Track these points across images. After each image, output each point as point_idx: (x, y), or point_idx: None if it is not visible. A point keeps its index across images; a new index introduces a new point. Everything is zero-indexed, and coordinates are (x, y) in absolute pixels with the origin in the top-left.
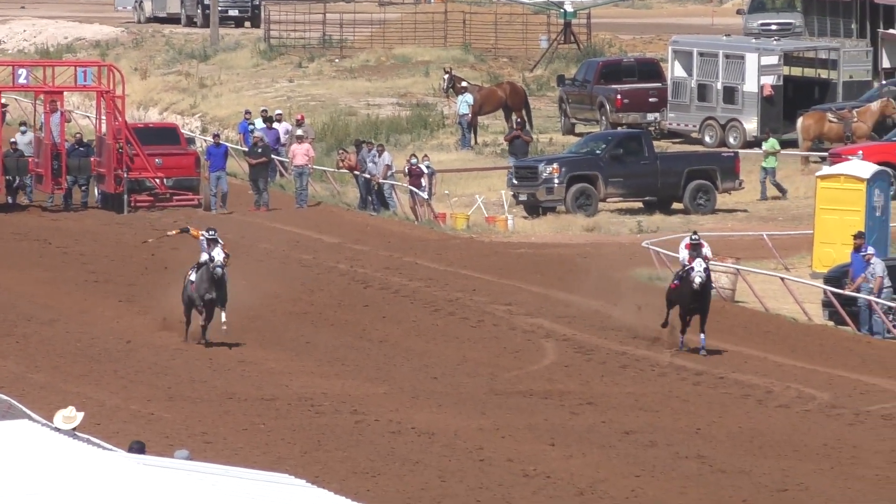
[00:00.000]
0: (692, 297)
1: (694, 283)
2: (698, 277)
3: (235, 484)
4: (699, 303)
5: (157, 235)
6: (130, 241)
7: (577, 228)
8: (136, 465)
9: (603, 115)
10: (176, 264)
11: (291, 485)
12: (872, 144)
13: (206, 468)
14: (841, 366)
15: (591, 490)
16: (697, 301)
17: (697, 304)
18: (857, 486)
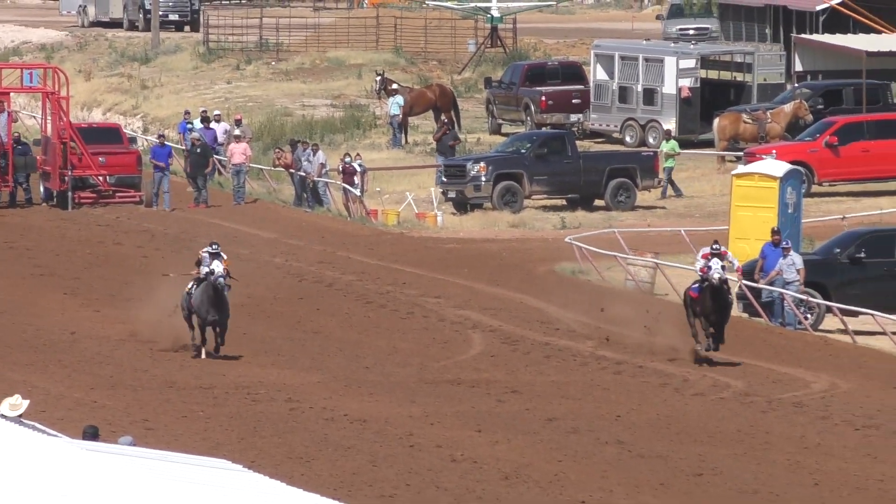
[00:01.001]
0: (712, 296)
1: (713, 280)
2: (717, 273)
3: (176, 469)
4: (720, 304)
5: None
6: (75, 236)
7: (503, 224)
8: (80, 451)
9: (528, 116)
10: (118, 258)
11: (229, 469)
12: (785, 144)
13: (148, 454)
14: (754, 355)
15: (515, 474)
16: (718, 302)
17: (719, 305)
18: (769, 470)
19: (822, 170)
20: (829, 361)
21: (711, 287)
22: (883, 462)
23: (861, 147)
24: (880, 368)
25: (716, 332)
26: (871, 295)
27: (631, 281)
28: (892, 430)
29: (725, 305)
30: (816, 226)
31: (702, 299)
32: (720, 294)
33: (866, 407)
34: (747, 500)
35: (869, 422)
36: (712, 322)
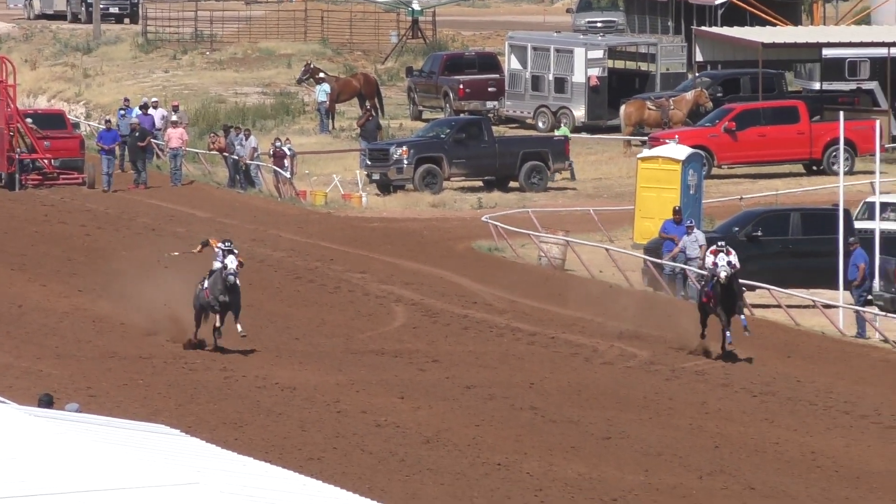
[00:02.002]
0: (722, 292)
1: (720, 277)
2: (723, 271)
3: (118, 433)
4: (731, 293)
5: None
6: (22, 215)
7: (424, 205)
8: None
9: (447, 103)
10: (63, 236)
11: (167, 434)
12: (687, 130)
13: (92, 419)
14: (659, 327)
15: (436, 438)
16: (726, 303)
17: (726, 308)
18: (672, 434)
19: (721, 153)
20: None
21: (720, 284)
22: (778, 426)
23: (758, 132)
24: (776, 339)
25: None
26: (767, 270)
27: (544, 257)
28: (787, 397)
29: (735, 298)
30: (716, 206)
31: (714, 295)
32: (729, 289)
33: (763, 375)
34: (652, 462)
35: (766, 388)
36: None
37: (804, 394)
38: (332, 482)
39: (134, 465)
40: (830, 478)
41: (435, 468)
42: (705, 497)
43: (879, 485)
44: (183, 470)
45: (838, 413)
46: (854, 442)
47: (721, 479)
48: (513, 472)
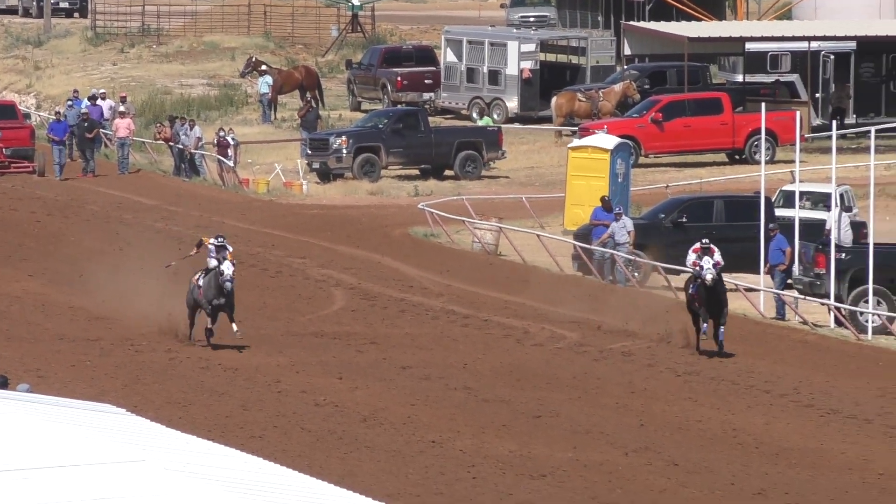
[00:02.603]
0: (707, 294)
1: (706, 280)
2: (709, 274)
3: (67, 413)
4: (716, 297)
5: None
6: None
7: (362, 192)
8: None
9: (385, 95)
10: (13, 223)
11: (114, 413)
12: (616, 120)
13: (41, 399)
14: (588, 310)
15: (373, 417)
16: (711, 303)
17: (711, 308)
18: (600, 412)
19: (648, 143)
20: (655, 315)
21: (705, 287)
22: (702, 405)
23: (683, 123)
24: None
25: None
26: None
27: (477, 243)
28: (709, 377)
29: (720, 301)
30: (643, 193)
31: (699, 297)
32: (714, 291)
33: (687, 356)
34: (580, 440)
35: (690, 369)
36: (708, 317)
37: (726, 374)
38: (273, 459)
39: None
40: (751, 454)
41: (371, 446)
42: (631, 473)
43: (797, 461)
44: (129, 448)
45: (759, 392)
46: (773, 419)
47: (646, 456)
48: (446, 450)
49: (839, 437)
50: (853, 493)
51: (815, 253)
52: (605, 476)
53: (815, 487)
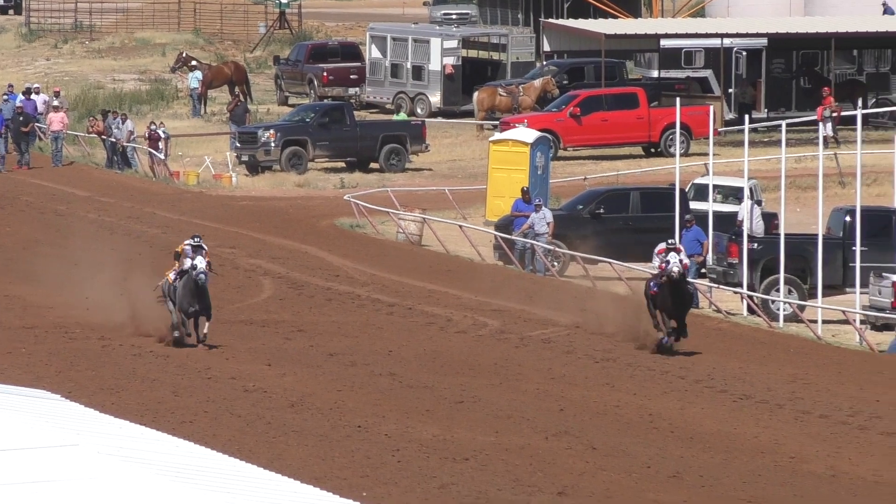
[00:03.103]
0: (671, 290)
1: (672, 273)
2: (675, 267)
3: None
4: (680, 298)
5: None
6: None
7: (290, 184)
8: None
9: (312, 90)
10: None
11: (48, 399)
12: (535, 115)
13: None
14: (508, 298)
15: (300, 402)
16: (678, 296)
17: (679, 298)
18: (520, 397)
19: (567, 137)
20: (574, 303)
21: (671, 281)
22: (619, 390)
23: (600, 117)
24: (617, 309)
25: (677, 325)
26: (609, 245)
27: (402, 234)
28: (626, 363)
29: (685, 298)
30: (562, 185)
31: (661, 294)
32: (679, 288)
33: (605, 343)
34: (502, 424)
35: (607, 355)
36: (672, 315)
37: (642, 360)
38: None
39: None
40: (666, 438)
41: (299, 430)
42: (551, 456)
43: (711, 444)
44: (63, 432)
45: (674, 378)
46: (688, 404)
47: (565, 440)
48: (372, 434)
49: (752, 422)
50: (765, 475)
51: (728, 243)
52: (525, 459)
53: (728, 470)
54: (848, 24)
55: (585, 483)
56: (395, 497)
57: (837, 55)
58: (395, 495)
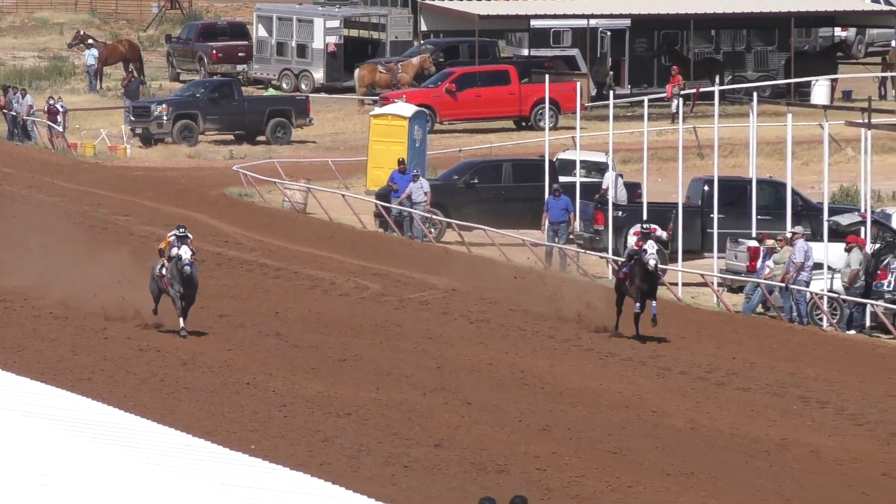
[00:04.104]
0: (643, 277)
1: (648, 265)
2: (652, 259)
3: None
4: (650, 284)
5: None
6: None
7: (181, 156)
8: None
9: (202, 67)
10: None
11: None
12: (413, 90)
13: None
14: (388, 262)
15: (192, 361)
16: (647, 282)
17: (648, 285)
18: (400, 356)
19: (443, 111)
20: (450, 268)
21: (644, 269)
22: (492, 349)
23: (475, 93)
24: (490, 273)
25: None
26: (482, 214)
27: (287, 202)
28: (499, 324)
29: (654, 282)
30: (439, 157)
31: (630, 275)
32: (651, 276)
33: (479, 304)
34: (382, 381)
35: (481, 316)
36: (642, 296)
37: (514, 321)
38: (100, 400)
39: None
40: (537, 394)
41: (191, 387)
42: (428, 411)
43: (578, 399)
44: None
45: (543, 338)
46: (557, 362)
47: (442, 396)
48: (260, 391)
49: (616, 378)
50: (629, 428)
51: (594, 211)
52: (405, 414)
53: (594, 423)
54: (706, 5)
55: (461, 436)
56: (282, 450)
57: (696, 35)
58: (281, 448)
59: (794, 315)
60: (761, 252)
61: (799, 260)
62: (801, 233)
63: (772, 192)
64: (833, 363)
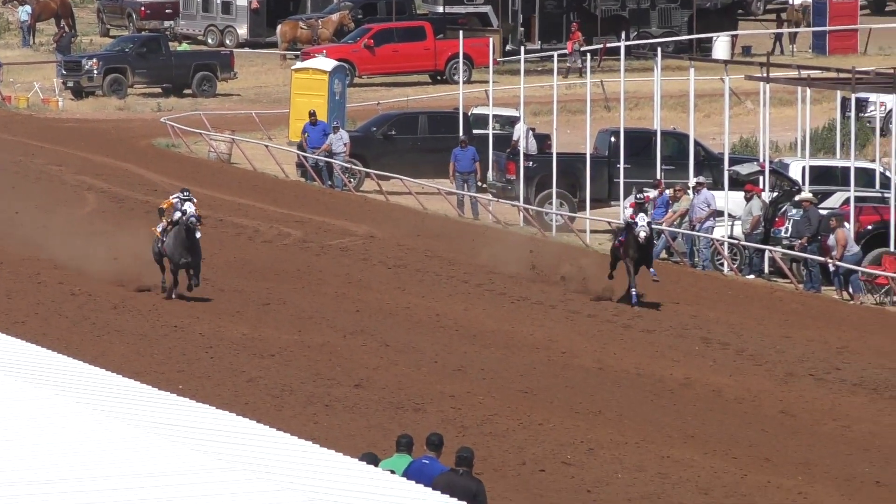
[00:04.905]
0: (636, 248)
1: (639, 237)
2: (643, 231)
3: None
4: (642, 253)
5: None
6: None
7: (111, 108)
8: None
9: (131, 23)
10: None
11: None
12: (333, 46)
13: None
14: (310, 210)
15: (122, 305)
16: (641, 251)
17: (641, 254)
18: (321, 300)
19: (362, 66)
20: (369, 215)
21: (636, 241)
22: (409, 293)
23: (392, 48)
24: (407, 220)
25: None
26: (400, 164)
27: (213, 153)
28: (416, 269)
29: (648, 252)
30: (358, 109)
31: (626, 245)
32: (644, 246)
33: (397, 251)
34: (304, 324)
35: (399, 262)
36: (636, 261)
37: (430, 266)
38: (35, 342)
39: None
40: (452, 336)
41: (122, 330)
42: (348, 352)
43: (491, 341)
44: None
45: (458, 282)
46: (471, 306)
47: (361, 338)
48: (187, 333)
49: (528, 321)
50: (540, 368)
51: (506, 162)
52: (326, 355)
53: (507, 364)
54: None
55: (379, 376)
56: (209, 390)
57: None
58: (208, 388)
59: (696, 260)
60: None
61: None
62: (704, 182)
63: (675, 143)
64: (733, 306)
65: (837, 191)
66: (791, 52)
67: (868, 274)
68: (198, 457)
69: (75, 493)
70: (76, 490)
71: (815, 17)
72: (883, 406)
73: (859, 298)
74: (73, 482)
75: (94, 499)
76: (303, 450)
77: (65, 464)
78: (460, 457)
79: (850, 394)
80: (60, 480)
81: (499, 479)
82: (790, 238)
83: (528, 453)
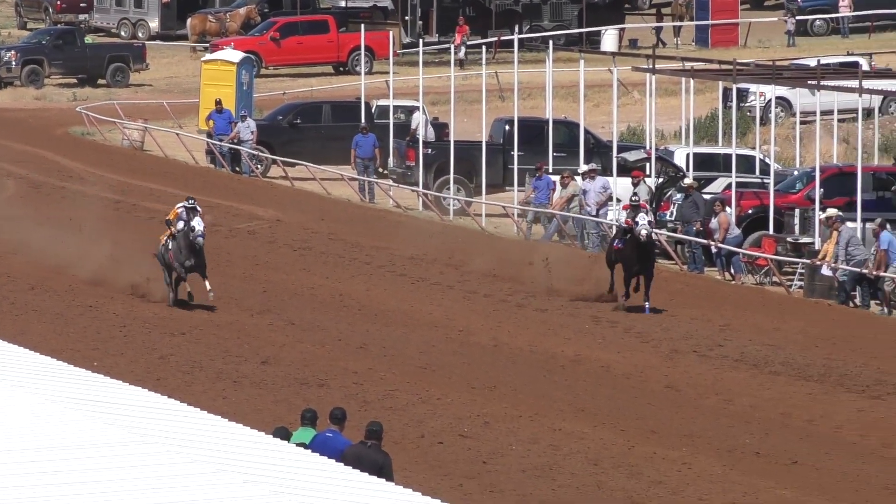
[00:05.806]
0: (637, 252)
1: (641, 235)
2: (644, 230)
3: None
4: (643, 262)
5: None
6: None
7: (29, 98)
8: None
9: (47, 16)
10: None
11: None
12: (240, 38)
13: None
14: (219, 195)
15: (40, 285)
16: (642, 260)
17: (641, 263)
18: (230, 281)
19: (268, 57)
20: (275, 200)
21: (636, 241)
22: (314, 275)
23: (297, 40)
24: (310, 205)
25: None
26: (305, 151)
27: (126, 140)
28: (320, 251)
29: (650, 257)
30: (265, 99)
31: (625, 250)
32: (645, 247)
33: (302, 234)
34: (213, 303)
35: (304, 244)
36: (635, 273)
37: (334, 248)
38: None
39: None
40: (355, 315)
41: (39, 310)
42: (256, 331)
43: (392, 320)
44: None
45: (361, 264)
46: (373, 286)
47: (268, 317)
48: (102, 313)
49: (427, 301)
50: (438, 346)
51: (406, 149)
52: (234, 333)
53: (407, 342)
54: None
55: (286, 353)
56: (122, 366)
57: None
58: (122, 365)
59: (586, 243)
60: None
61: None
62: (595, 169)
63: (566, 132)
64: (621, 286)
65: (720, 176)
66: (676, 44)
67: (749, 256)
68: (113, 431)
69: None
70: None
71: (699, 12)
72: (763, 381)
73: (740, 279)
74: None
75: (11, 471)
76: (212, 424)
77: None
78: (370, 430)
79: (732, 369)
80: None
81: (399, 451)
82: (674, 221)
83: (427, 426)
